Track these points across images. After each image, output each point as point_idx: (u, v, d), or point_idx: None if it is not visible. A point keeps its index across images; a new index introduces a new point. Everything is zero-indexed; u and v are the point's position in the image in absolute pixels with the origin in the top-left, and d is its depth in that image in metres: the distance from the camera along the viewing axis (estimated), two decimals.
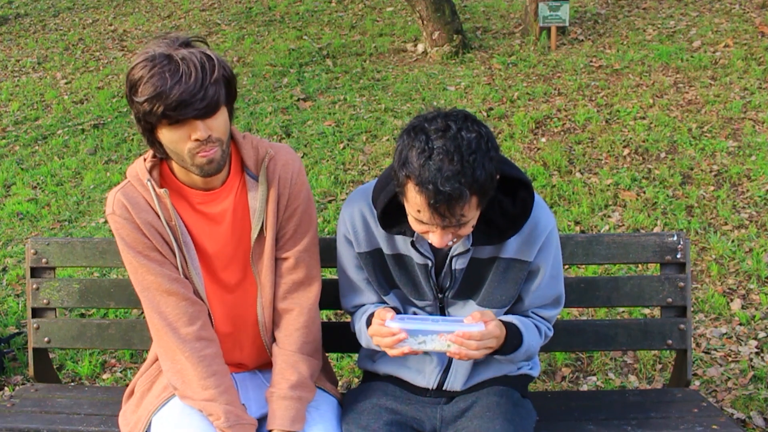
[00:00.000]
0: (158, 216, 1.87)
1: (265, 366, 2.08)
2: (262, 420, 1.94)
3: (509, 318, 1.90)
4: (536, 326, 1.95)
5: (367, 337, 1.90)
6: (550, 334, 2.00)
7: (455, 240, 1.78)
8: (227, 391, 1.88)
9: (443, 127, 1.64)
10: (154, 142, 1.83)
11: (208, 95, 1.73)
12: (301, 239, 1.97)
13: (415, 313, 1.97)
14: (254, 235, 1.92)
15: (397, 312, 1.93)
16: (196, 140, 1.76)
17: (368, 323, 1.91)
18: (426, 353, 1.96)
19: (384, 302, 1.99)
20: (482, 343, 1.74)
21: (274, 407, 1.87)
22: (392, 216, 1.84)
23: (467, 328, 1.73)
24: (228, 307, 1.98)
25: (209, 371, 1.88)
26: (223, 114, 1.80)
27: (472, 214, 1.70)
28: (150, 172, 1.88)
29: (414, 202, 1.67)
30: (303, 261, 1.97)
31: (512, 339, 1.84)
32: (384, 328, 1.77)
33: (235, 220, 1.93)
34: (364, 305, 2.01)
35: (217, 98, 1.75)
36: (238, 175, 1.94)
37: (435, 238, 1.73)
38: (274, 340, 2.01)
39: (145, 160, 1.90)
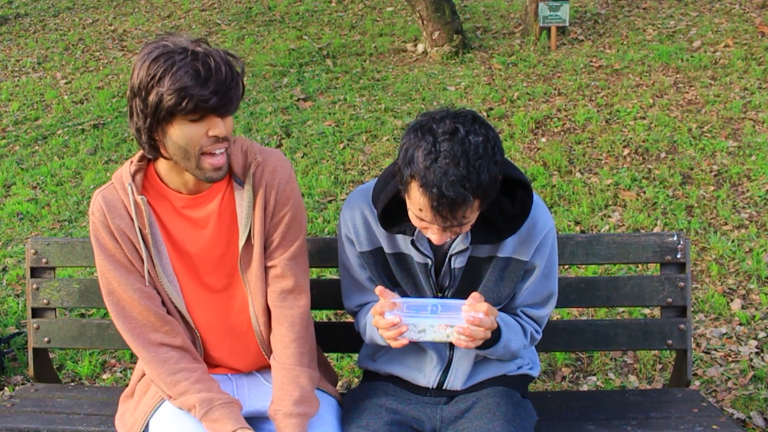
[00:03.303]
0: (133, 222, 1.85)
1: (262, 368, 2.06)
2: (255, 418, 1.93)
3: None
4: (522, 327, 1.95)
5: (371, 333, 1.90)
6: (538, 336, 1.99)
7: (452, 236, 1.78)
8: (200, 381, 1.86)
9: (451, 130, 1.63)
10: (153, 141, 1.78)
11: (237, 93, 1.73)
12: (289, 247, 1.93)
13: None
14: (241, 242, 1.89)
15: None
16: (213, 137, 1.75)
17: None
18: (426, 350, 1.97)
19: None
20: (488, 319, 1.74)
21: (280, 425, 1.85)
22: (392, 215, 1.84)
23: (471, 315, 1.72)
24: (213, 314, 1.95)
25: (175, 368, 1.87)
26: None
27: (473, 216, 1.71)
28: (134, 176, 1.86)
29: (417, 202, 1.67)
30: (290, 269, 1.93)
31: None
32: (381, 318, 1.76)
33: (220, 225, 1.90)
34: (368, 303, 2.01)
35: (239, 97, 1.75)
36: (225, 179, 1.91)
37: (434, 236, 1.74)
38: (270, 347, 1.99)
39: (131, 163, 1.88)
